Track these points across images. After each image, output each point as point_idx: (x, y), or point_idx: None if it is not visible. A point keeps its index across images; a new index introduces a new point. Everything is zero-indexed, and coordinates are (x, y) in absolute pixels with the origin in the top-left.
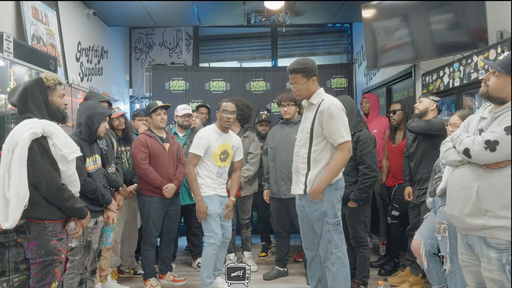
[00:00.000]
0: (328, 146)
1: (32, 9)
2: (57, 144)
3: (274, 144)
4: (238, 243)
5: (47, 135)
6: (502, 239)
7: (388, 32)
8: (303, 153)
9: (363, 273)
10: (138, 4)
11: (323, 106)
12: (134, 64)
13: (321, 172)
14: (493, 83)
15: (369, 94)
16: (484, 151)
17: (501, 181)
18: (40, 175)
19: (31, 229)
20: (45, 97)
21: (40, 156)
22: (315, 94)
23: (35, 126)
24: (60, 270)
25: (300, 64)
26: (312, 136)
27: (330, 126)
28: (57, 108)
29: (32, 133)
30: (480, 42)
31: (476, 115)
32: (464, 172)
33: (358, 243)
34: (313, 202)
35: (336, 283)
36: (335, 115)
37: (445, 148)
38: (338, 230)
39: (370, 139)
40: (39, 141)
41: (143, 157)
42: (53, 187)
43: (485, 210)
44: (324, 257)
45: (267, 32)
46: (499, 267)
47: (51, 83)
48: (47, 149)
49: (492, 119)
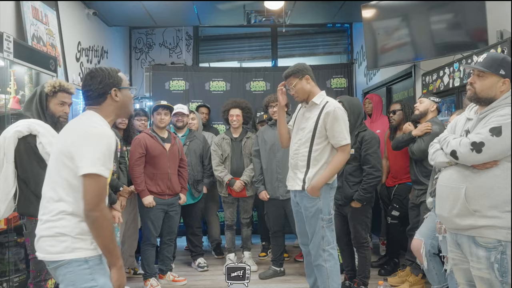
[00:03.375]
0: (328, 147)
1: (32, 9)
2: (43, 142)
3: (268, 145)
4: (238, 243)
5: (35, 133)
6: (490, 238)
7: (388, 32)
8: (303, 152)
9: (364, 273)
10: (138, 4)
11: (328, 108)
12: (134, 64)
13: (320, 171)
14: (480, 84)
15: (372, 95)
16: (470, 152)
17: (489, 182)
18: (27, 173)
19: (27, 225)
20: (43, 101)
21: (26, 154)
22: (317, 95)
23: (21, 125)
24: None
25: (291, 68)
26: (314, 136)
27: (334, 128)
28: (51, 114)
29: (16, 132)
30: (480, 42)
31: (462, 116)
32: (452, 173)
33: (359, 244)
34: (310, 198)
35: (330, 280)
36: (340, 118)
37: (433, 149)
38: (331, 228)
39: (375, 138)
40: (26, 139)
41: (137, 157)
42: (40, 184)
43: (474, 211)
44: (315, 255)
45: (267, 32)
46: (488, 265)
47: (49, 89)
48: (33, 147)
49: (478, 120)
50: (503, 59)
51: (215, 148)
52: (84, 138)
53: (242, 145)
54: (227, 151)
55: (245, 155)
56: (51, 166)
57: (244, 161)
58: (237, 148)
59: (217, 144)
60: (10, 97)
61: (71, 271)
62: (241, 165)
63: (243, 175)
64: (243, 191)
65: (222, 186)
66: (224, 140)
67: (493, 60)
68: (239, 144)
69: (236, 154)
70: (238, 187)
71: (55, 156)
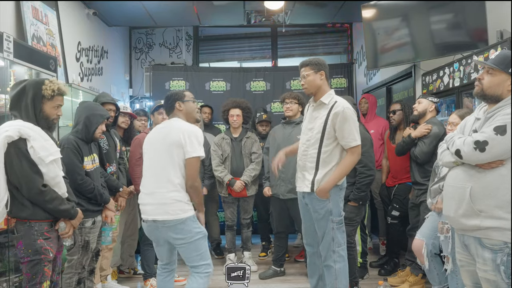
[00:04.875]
0: (338, 148)
1: (32, 9)
2: (35, 146)
3: (276, 144)
4: (238, 243)
5: (25, 137)
6: (496, 239)
7: (388, 32)
8: (312, 153)
9: (353, 275)
10: (138, 4)
11: (337, 108)
12: (134, 64)
13: (329, 173)
14: (488, 81)
15: (368, 95)
16: (474, 151)
17: (494, 181)
18: (19, 178)
19: (19, 228)
20: (38, 103)
21: (18, 159)
22: (326, 95)
23: (11, 129)
24: (49, 269)
25: (311, 59)
26: (323, 137)
27: (344, 129)
28: (46, 116)
29: (6, 136)
30: (480, 42)
31: (472, 116)
32: (458, 173)
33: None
34: (319, 200)
35: (338, 281)
36: (349, 119)
37: (441, 150)
38: (341, 229)
39: (366, 138)
40: (16, 144)
41: (137, 157)
42: (33, 190)
43: (479, 211)
44: (325, 256)
45: (267, 32)
46: (494, 267)
47: (48, 92)
48: (24, 152)
49: (485, 119)
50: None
51: (215, 148)
52: (189, 133)
53: (242, 145)
54: (227, 151)
55: (245, 155)
56: (155, 159)
57: (244, 161)
58: (237, 148)
59: (217, 144)
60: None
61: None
62: (241, 165)
63: (243, 175)
64: (244, 191)
65: (222, 186)
66: (224, 140)
67: (504, 58)
68: (239, 144)
69: (236, 154)
70: (238, 187)
71: (160, 152)
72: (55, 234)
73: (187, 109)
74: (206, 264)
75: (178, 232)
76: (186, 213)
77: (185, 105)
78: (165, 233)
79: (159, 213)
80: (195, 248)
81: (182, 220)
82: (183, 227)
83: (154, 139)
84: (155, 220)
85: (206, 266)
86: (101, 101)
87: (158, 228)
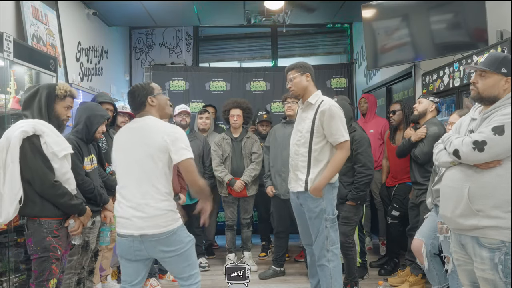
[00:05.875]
0: (328, 145)
1: (32, 9)
2: (48, 142)
3: (276, 143)
4: (238, 243)
5: (39, 133)
6: (494, 238)
7: (388, 32)
8: (303, 152)
9: (353, 274)
10: (138, 4)
11: (323, 106)
12: (134, 64)
13: (322, 171)
14: (482, 84)
15: (368, 94)
16: (472, 151)
17: (492, 181)
18: (32, 172)
19: (29, 226)
20: (51, 102)
21: (32, 154)
22: (313, 95)
23: (25, 125)
24: (57, 267)
25: (295, 63)
26: (313, 136)
27: (331, 126)
28: (57, 116)
29: (22, 132)
30: (480, 42)
31: (467, 116)
32: (455, 173)
33: (344, 247)
34: (313, 199)
35: (333, 280)
36: (336, 115)
37: (437, 150)
38: (335, 228)
39: (364, 138)
40: (30, 139)
41: None
42: (45, 184)
43: (477, 211)
44: (319, 255)
45: (267, 32)
46: (492, 266)
47: (61, 92)
48: (38, 147)
49: (482, 119)
50: (504, 58)
51: (215, 148)
52: (172, 134)
53: (242, 145)
54: (227, 151)
55: (245, 155)
56: (135, 166)
57: (244, 161)
58: (237, 148)
59: (217, 144)
60: (10, 97)
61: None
62: (242, 165)
63: (244, 175)
64: (244, 191)
65: (222, 186)
66: (224, 140)
67: (494, 59)
68: (239, 144)
69: (236, 154)
70: (238, 187)
71: (140, 157)
72: (64, 233)
73: (160, 104)
74: (196, 273)
75: (170, 244)
76: (177, 222)
77: (157, 99)
78: (151, 248)
79: (149, 227)
80: (186, 258)
81: (174, 230)
82: (175, 238)
83: (128, 141)
84: (143, 235)
85: (196, 275)
86: (99, 101)
87: (143, 243)
